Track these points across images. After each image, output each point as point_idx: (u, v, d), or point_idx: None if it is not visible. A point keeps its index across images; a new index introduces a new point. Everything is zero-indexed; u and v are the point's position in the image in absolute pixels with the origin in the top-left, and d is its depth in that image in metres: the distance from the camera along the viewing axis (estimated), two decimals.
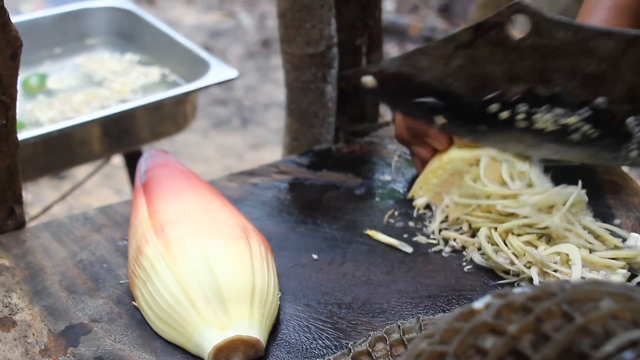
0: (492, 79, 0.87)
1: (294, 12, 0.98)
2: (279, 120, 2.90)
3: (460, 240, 0.85)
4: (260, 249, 0.77)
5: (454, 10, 3.78)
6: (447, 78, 0.89)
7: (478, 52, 0.86)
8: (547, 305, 0.45)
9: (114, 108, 1.22)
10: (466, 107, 0.90)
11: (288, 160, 1.02)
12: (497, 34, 0.83)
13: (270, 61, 3.31)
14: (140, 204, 0.84)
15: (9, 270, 0.82)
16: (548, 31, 0.81)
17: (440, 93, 0.90)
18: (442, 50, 0.87)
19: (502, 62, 0.85)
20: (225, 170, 2.66)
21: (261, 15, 3.65)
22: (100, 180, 2.49)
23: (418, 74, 0.89)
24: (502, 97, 0.88)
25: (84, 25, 1.49)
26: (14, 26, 0.78)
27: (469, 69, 0.87)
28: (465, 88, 0.89)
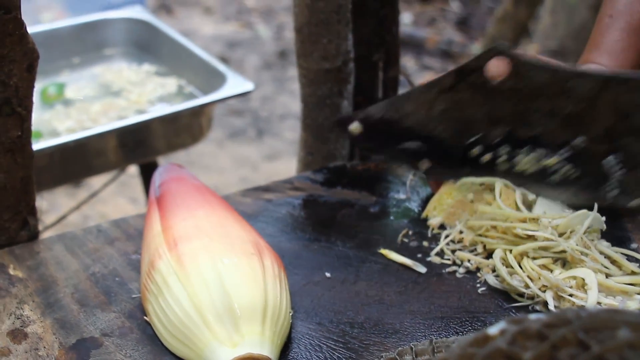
0: (473, 122, 0.88)
1: (311, 26, 0.98)
2: (294, 131, 2.90)
3: (474, 261, 0.85)
4: (273, 266, 0.76)
5: (471, 23, 3.78)
6: (430, 122, 0.90)
7: (460, 96, 0.87)
8: (563, 333, 0.45)
9: (131, 119, 1.22)
10: (449, 151, 0.91)
11: (302, 176, 1.02)
12: (477, 77, 0.85)
13: (287, 72, 3.32)
14: (154, 218, 0.83)
15: (21, 281, 0.82)
16: (526, 73, 0.82)
17: (424, 137, 0.91)
18: (426, 95, 0.88)
19: (483, 105, 0.87)
20: (239, 181, 2.66)
21: (278, 26, 3.66)
22: (115, 188, 2.49)
23: (402, 119, 0.91)
24: (484, 139, 0.89)
25: (103, 35, 1.50)
26: (30, 38, 0.79)
27: (452, 112, 0.88)
28: (448, 132, 0.90)
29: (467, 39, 3.62)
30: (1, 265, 0.84)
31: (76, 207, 1.52)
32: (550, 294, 0.77)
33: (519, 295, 0.80)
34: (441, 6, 3.90)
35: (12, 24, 0.75)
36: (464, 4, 3.88)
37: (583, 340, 0.43)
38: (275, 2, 3.88)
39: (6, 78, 0.77)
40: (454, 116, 0.88)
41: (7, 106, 0.79)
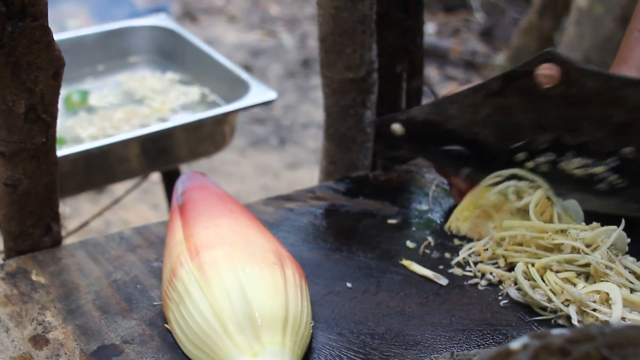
0: (520, 128, 0.87)
1: (335, 36, 0.98)
2: (316, 140, 2.91)
3: (496, 274, 0.84)
4: (295, 276, 0.76)
5: (495, 34, 3.77)
6: (475, 126, 0.89)
7: (507, 101, 0.86)
8: (586, 349, 0.44)
9: (153, 127, 1.23)
10: (493, 156, 0.90)
11: (324, 186, 1.01)
12: (526, 82, 0.84)
13: (310, 81, 3.33)
14: (176, 226, 0.84)
15: (44, 287, 0.83)
16: (577, 80, 0.81)
17: (468, 141, 0.91)
18: (472, 99, 0.88)
19: (531, 110, 0.86)
20: (261, 189, 2.66)
21: (302, 35, 3.67)
22: (137, 195, 2.51)
23: (446, 122, 0.90)
24: (530, 145, 0.88)
25: (127, 43, 1.51)
26: (57, 45, 0.79)
27: (498, 117, 0.87)
28: (492, 136, 0.89)
29: (490, 49, 3.61)
30: (24, 271, 0.85)
31: (99, 214, 1.53)
32: (573, 309, 0.76)
33: (542, 309, 0.79)
34: (465, 17, 3.89)
35: (39, 31, 0.75)
36: (488, 14, 3.87)
37: (607, 357, 0.43)
38: (299, 11, 3.89)
39: (32, 85, 0.78)
40: (499, 121, 0.88)
41: (32, 113, 0.79)
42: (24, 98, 0.78)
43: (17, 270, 0.85)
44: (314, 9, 3.31)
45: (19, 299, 0.81)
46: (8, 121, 0.79)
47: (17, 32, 0.73)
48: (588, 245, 0.81)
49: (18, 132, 0.80)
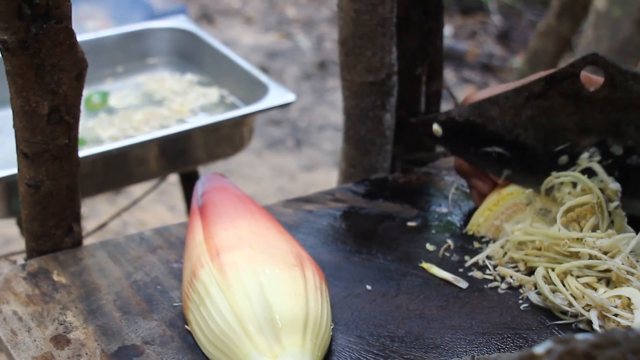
0: (562, 130, 0.86)
1: (355, 39, 0.98)
2: (333, 142, 2.91)
3: (516, 277, 0.84)
4: (315, 278, 0.76)
5: (512, 37, 3.76)
6: (516, 128, 0.88)
7: (550, 103, 0.85)
8: (610, 354, 0.44)
9: (173, 128, 1.23)
10: (534, 158, 0.89)
11: (344, 188, 1.02)
12: (570, 85, 0.83)
13: (326, 83, 3.33)
14: (197, 227, 0.84)
15: (65, 287, 0.83)
16: (623, 84, 0.80)
17: (508, 143, 0.90)
18: (513, 100, 0.87)
19: (574, 113, 0.85)
20: (277, 191, 2.67)
21: (318, 37, 3.67)
22: (154, 196, 2.52)
23: (487, 123, 0.89)
24: (573, 148, 0.87)
25: (146, 44, 1.51)
26: (80, 47, 0.80)
27: (540, 119, 0.87)
28: (534, 139, 0.88)
29: (507, 52, 3.60)
30: (45, 271, 0.85)
31: (117, 215, 1.53)
32: (594, 313, 0.76)
33: (562, 313, 0.79)
34: (482, 19, 3.88)
35: (63, 33, 0.76)
36: (505, 17, 3.86)
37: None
38: (315, 13, 3.89)
39: (55, 86, 0.78)
40: (541, 123, 0.87)
41: (55, 114, 0.80)
42: (47, 99, 0.79)
43: (38, 270, 0.86)
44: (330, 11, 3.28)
45: (41, 298, 0.81)
46: (31, 122, 0.80)
47: (41, 34, 0.74)
48: (606, 253, 0.80)
49: (41, 134, 0.81)
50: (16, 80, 0.77)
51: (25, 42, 0.74)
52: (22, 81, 0.77)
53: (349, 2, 0.96)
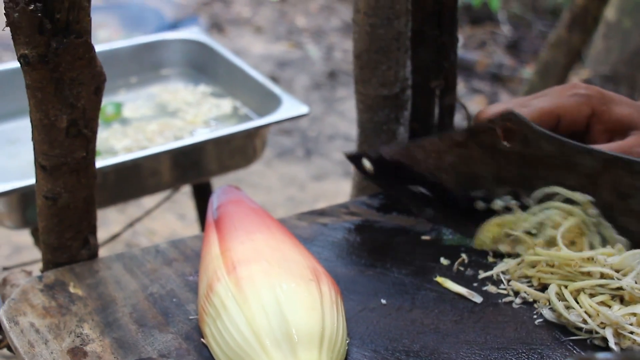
0: (480, 178, 0.92)
1: (370, 53, 0.99)
2: (342, 151, 2.91)
3: (530, 293, 0.84)
4: (331, 292, 0.76)
5: (522, 47, 3.76)
6: (439, 171, 0.94)
7: (469, 152, 0.91)
8: None
9: (187, 140, 1.24)
10: (454, 201, 0.95)
11: (358, 201, 1.02)
12: (487, 137, 0.88)
13: (336, 93, 3.33)
14: (212, 240, 0.84)
15: (81, 300, 0.84)
16: (535, 142, 0.85)
17: (432, 184, 0.95)
18: (437, 146, 0.93)
19: (491, 164, 0.90)
20: (287, 201, 2.67)
21: (328, 46, 3.68)
22: (164, 205, 2.52)
23: (413, 164, 0.95)
24: (489, 195, 0.92)
25: (160, 56, 1.52)
26: (99, 62, 0.80)
27: (460, 166, 0.92)
28: (455, 183, 0.94)
29: (517, 62, 3.60)
30: (62, 283, 0.86)
31: (130, 225, 1.54)
32: (610, 331, 0.76)
33: (577, 329, 0.79)
34: (491, 29, 3.89)
35: (83, 47, 0.76)
36: (514, 27, 3.86)
37: None
38: (325, 23, 3.90)
39: (74, 100, 0.79)
40: (461, 170, 0.93)
41: (73, 127, 0.81)
42: (66, 113, 0.79)
43: (55, 282, 0.86)
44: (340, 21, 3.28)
45: (57, 310, 0.82)
46: (50, 135, 0.80)
47: (61, 48, 0.75)
48: (618, 270, 0.80)
49: (59, 147, 0.81)
50: (35, 94, 0.78)
51: (46, 57, 0.75)
52: (41, 95, 0.78)
53: (365, 16, 0.96)
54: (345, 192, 2.68)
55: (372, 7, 0.95)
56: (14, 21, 0.73)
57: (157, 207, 1.58)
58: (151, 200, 2.31)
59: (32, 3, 0.72)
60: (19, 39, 0.74)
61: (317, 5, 4.09)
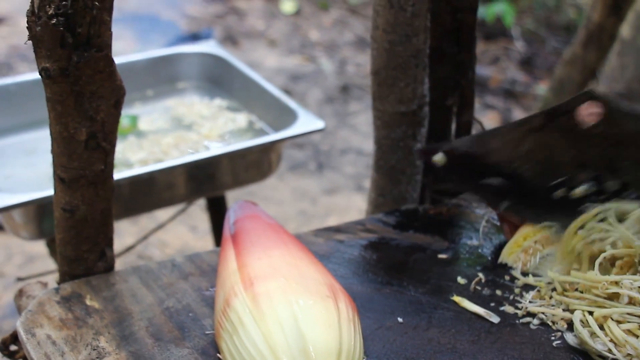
0: (560, 164, 0.89)
1: (388, 70, 0.99)
2: (354, 166, 2.91)
3: (549, 314, 0.83)
4: (348, 309, 0.76)
5: (535, 63, 3.75)
6: (515, 161, 0.90)
7: (548, 137, 0.87)
8: None
9: (202, 153, 1.24)
10: (532, 191, 0.91)
11: (374, 218, 1.02)
12: (567, 120, 0.85)
13: (349, 107, 3.33)
14: (229, 256, 0.84)
15: (98, 312, 0.84)
16: (618, 120, 0.82)
17: (507, 175, 0.92)
18: (513, 134, 0.89)
19: (571, 148, 0.87)
20: (298, 214, 2.67)
21: (341, 60, 3.68)
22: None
23: (487, 155, 0.92)
24: (569, 182, 0.89)
25: (176, 69, 1.52)
26: (119, 75, 0.81)
27: (538, 153, 0.89)
28: (532, 172, 0.90)
29: (530, 78, 3.60)
30: (78, 296, 0.86)
31: (144, 238, 1.54)
32: None
33: (600, 356, 0.77)
34: (505, 45, 3.88)
35: (103, 61, 0.77)
36: (528, 43, 3.86)
37: None
38: (338, 37, 3.91)
39: (94, 113, 0.79)
40: (539, 157, 0.88)
41: (92, 140, 0.81)
42: (85, 126, 0.79)
43: (71, 294, 0.86)
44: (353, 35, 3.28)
45: (74, 323, 0.82)
46: (69, 148, 0.81)
47: (82, 62, 0.75)
48: None
49: (78, 159, 0.81)
50: (56, 106, 0.78)
51: (67, 70, 0.75)
52: (61, 108, 0.78)
53: (383, 33, 0.96)
54: (357, 206, 2.68)
55: (391, 24, 0.96)
56: (36, 35, 0.74)
57: (171, 219, 1.58)
58: (163, 212, 2.31)
59: (55, 17, 0.72)
60: (41, 53, 0.75)
61: (331, 19, 4.10)
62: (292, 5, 4.15)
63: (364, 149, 3.01)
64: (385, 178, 1.06)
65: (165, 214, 2.42)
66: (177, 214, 1.56)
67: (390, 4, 0.94)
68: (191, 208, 2.54)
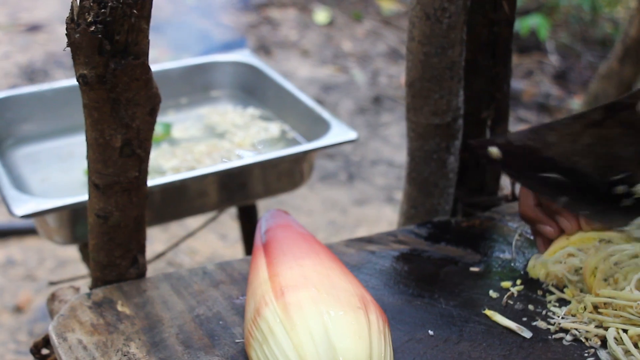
0: (620, 160, 0.85)
1: (423, 82, 0.98)
2: (385, 177, 2.90)
3: (582, 330, 0.82)
4: (378, 321, 0.76)
5: (570, 77, 3.72)
6: (574, 155, 0.87)
7: (608, 132, 0.84)
8: None
9: (234, 162, 1.24)
10: (591, 186, 0.88)
11: (406, 229, 1.01)
12: (629, 115, 0.82)
13: (380, 118, 3.33)
14: (260, 265, 0.84)
15: (129, 318, 0.84)
16: None
17: (566, 170, 0.88)
18: (571, 128, 0.86)
19: (633, 144, 0.84)
20: (328, 225, 2.67)
21: (374, 71, 3.68)
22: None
23: (544, 149, 0.88)
24: (631, 179, 0.85)
25: (210, 77, 1.54)
26: (155, 83, 0.81)
27: (598, 148, 0.85)
28: (592, 167, 0.87)
29: (565, 93, 3.57)
30: (110, 301, 0.86)
31: (174, 246, 1.55)
32: None
33: None
34: (539, 58, 3.86)
35: (140, 69, 0.77)
36: (562, 57, 3.83)
37: None
38: (371, 48, 3.91)
39: (129, 121, 0.80)
40: (599, 152, 0.85)
41: (127, 147, 0.81)
42: (120, 133, 0.80)
43: (103, 300, 0.87)
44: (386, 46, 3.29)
45: (105, 328, 0.82)
46: (104, 155, 0.81)
47: (119, 69, 0.75)
48: None
49: (113, 166, 0.82)
50: (92, 113, 0.79)
51: (104, 77, 0.76)
52: (97, 114, 0.79)
53: (419, 45, 0.96)
54: (387, 218, 2.67)
55: (427, 36, 0.95)
56: (74, 42, 0.74)
57: (202, 227, 1.58)
58: (194, 219, 2.32)
59: (93, 25, 0.73)
60: (79, 59, 0.75)
61: (364, 30, 4.11)
62: (326, 15, 4.17)
63: (395, 160, 3.00)
64: (417, 190, 1.05)
65: (195, 222, 2.44)
66: (208, 222, 1.57)
67: (427, 16, 0.94)
68: (221, 216, 2.55)
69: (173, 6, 3.75)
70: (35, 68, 3.46)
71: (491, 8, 1.00)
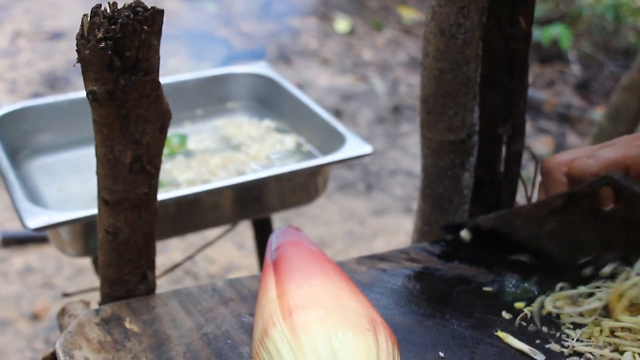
0: (586, 244, 0.88)
1: (437, 97, 0.97)
2: (404, 187, 2.89)
3: (596, 354, 0.80)
4: (388, 343, 0.75)
5: (592, 88, 3.69)
6: (540, 239, 0.91)
7: (571, 218, 0.87)
8: None
9: (249, 175, 1.24)
10: (559, 269, 0.91)
11: (419, 247, 1.00)
12: (590, 202, 0.85)
13: (400, 128, 3.32)
14: (269, 283, 0.83)
15: (136, 336, 0.83)
16: (638, 204, 0.81)
17: (535, 252, 0.93)
18: (536, 213, 0.90)
19: (595, 229, 0.86)
20: (345, 235, 2.66)
21: (394, 81, 3.67)
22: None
23: (512, 233, 0.93)
24: (596, 261, 0.88)
25: (226, 89, 1.53)
26: (165, 99, 0.81)
27: (562, 233, 0.89)
28: (558, 250, 0.91)
29: (586, 103, 3.54)
30: (118, 318, 0.86)
31: (190, 257, 1.54)
32: None
33: None
34: (561, 68, 3.83)
35: (150, 85, 0.77)
36: (585, 67, 3.80)
37: None
38: (391, 57, 3.90)
39: (139, 137, 0.79)
40: (564, 236, 0.89)
41: (137, 163, 0.81)
42: (130, 149, 0.80)
43: (111, 316, 0.86)
44: (406, 56, 3.28)
45: (112, 346, 0.82)
46: (114, 171, 0.81)
47: (129, 85, 0.75)
48: None
49: (122, 182, 0.82)
50: (102, 129, 0.79)
51: (113, 93, 0.75)
52: (107, 130, 0.78)
53: (433, 61, 0.95)
54: (405, 228, 2.66)
55: (442, 52, 0.94)
56: (84, 58, 0.74)
57: (219, 237, 1.58)
58: (213, 234, 2.32)
59: (103, 41, 0.72)
60: (89, 75, 0.75)
61: (384, 39, 4.10)
62: (346, 24, 4.16)
63: (414, 170, 2.99)
64: (431, 207, 1.04)
65: (213, 231, 2.44)
66: (225, 232, 1.56)
67: (442, 32, 0.93)
68: (238, 226, 2.54)
69: (194, 15, 3.76)
70: (57, 76, 3.49)
71: (508, 24, 0.99)
